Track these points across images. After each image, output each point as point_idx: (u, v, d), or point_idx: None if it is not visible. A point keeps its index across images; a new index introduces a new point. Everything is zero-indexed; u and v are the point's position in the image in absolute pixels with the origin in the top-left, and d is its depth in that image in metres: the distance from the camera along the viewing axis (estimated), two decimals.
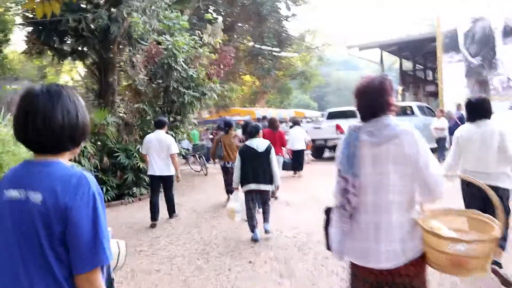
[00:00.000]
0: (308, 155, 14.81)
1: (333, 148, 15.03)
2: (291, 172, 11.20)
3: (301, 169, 11.25)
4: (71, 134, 1.38)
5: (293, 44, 24.90)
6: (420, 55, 26.23)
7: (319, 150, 15.29)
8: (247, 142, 5.54)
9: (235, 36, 21.32)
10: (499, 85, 17.00)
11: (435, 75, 27.42)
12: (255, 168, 5.31)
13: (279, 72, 31.01)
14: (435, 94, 22.49)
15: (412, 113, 13.36)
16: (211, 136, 17.34)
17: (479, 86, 17.34)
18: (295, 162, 10.86)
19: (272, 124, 8.93)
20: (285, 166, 10.46)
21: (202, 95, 10.02)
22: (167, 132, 7.00)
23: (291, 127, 12.60)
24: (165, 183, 6.72)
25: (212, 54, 10.57)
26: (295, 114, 30.51)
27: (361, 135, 2.11)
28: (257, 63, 21.30)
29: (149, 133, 7.28)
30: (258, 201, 5.66)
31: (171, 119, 9.73)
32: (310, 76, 34.78)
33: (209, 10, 21.35)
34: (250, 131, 5.59)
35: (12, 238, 1.32)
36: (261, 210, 5.75)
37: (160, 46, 9.61)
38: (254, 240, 5.35)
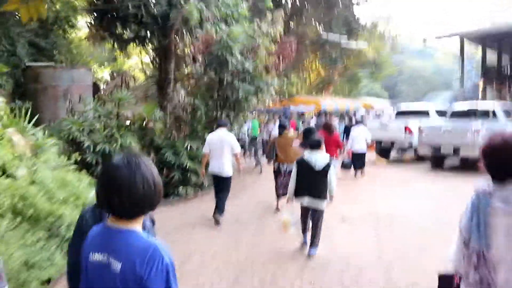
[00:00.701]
0: (377, 157, 13.72)
1: (400, 150, 13.75)
2: (351, 173, 10.76)
3: (362, 167, 10.79)
4: (150, 201, 1.56)
5: (364, 32, 23.28)
6: (507, 47, 23.45)
7: (385, 151, 14.02)
8: (306, 155, 5.31)
9: (303, 22, 20.24)
10: None
11: None
12: (310, 183, 5.19)
13: (348, 60, 29.48)
14: None
15: (494, 115, 11.69)
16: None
17: None
18: (356, 164, 10.60)
19: (328, 128, 8.76)
20: (344, 166, 10.46)
21: (258, 89, 9.32)
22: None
23: (352, 126, 12.15)
24: (222, 183, 6.75)
25: (272, 45, 9.80)
26: (362, 106, 29.11)
27: (494, 201, 1.90)
28: (324, 52, 20.10)
29: (199, 130, 8.08)
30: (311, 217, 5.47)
31: (224, 115, 9.17)
32: (381, 65, 32.78)
33: None
34: (311, 143, 5.41)
35: None
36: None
37: (214, 36, 9.01)
38: (303, 242, 5.44)
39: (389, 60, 35.02)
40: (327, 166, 5.18)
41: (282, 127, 7.97)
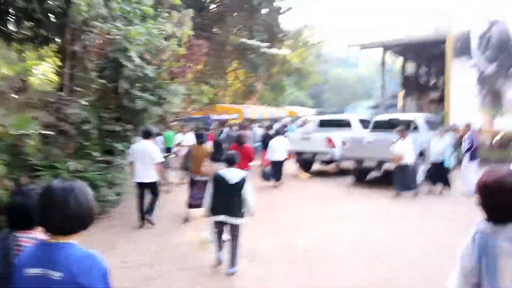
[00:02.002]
0: (299, 171, 13.02)
1: (323, 162, 13.08)
2: (271, 184, 10.98)
3: (279, 179, 11.01)
4: (83, 220, 1.71)
5: (287, 39, 22.80)
6: (424, 58, 24.25)
7: (307, 164, 13.30)
8: (221, 172, 5.28)
9: (225, 27, 19.19)
10: None
11: (439, 81, 25.56)
12: (227, 200, 5.14)
13: (273, 68, 29.00)
14: (439, 102, 20.58)
15: (416, 127, 11.40)
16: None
17: (492, 97, 15.43)
18: (275, 173, 10.86)
19: (239, 140, 8.90)
20: (266, 176, 10.91)
21: (160, 99, 8.02)
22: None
23: (272, 136, 11.71)
24: (149, 188, 7.13)
25: (180, 49, 8.56)
26: (287, 113, 28.77)
27: (500, 242, 1.85)
28: (245, 59, 19.18)
29: (89, 147, 7.18)
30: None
31: (118, 128, 7.74)
32: (306, 73, 32.78)
33: None
34: (227, 159, 5.38)
35: None
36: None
37: (108, 36, 7.58)
38: (219, 261, 5.33)
39: (314, 68, 35.21)
40: (243, 180, 5.13)
41: (199, 137, 7.97)
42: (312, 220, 7.59)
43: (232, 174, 5.19)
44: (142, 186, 7.09)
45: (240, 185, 5.12)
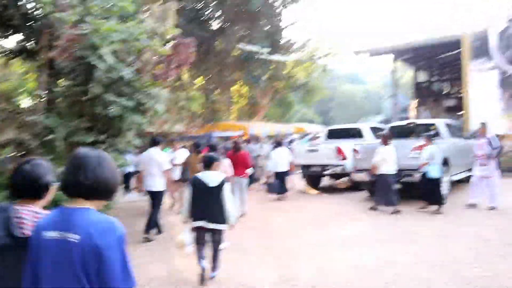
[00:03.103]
0: (307, 186, 11.84)
1: (333, 176, 11.78)
2: (274, 197, 10.62)
3: (285, 192, 10.67)
4: (111, 188, 1.78)
5: (291, 52, 21.77)
6: (437, 65, 23.05)
7: (315, 178, 11.99)
8: (199, 174, 5.05)
9: (228, 39, 18.24)
10: None
11: (454, 88, 24.25)
12: (206, 204, 4.89)
13: (278, 83, 27.98)
14: (456, 109, 19.24)
15: (437, 134, 10.09)
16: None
17: None
18: (280, 184, 10.48)
19: (234, 146, 8.86)
20: (272, 188, 10.52)
21: (139, 105, 6.88)
22: None
23: (274, 148, 11.20)
24: (153, 198, 7.11)
25: (163, 48, 7.46)
26: (295, 130, 27.59)
27: None
28: (246, 70, 18.09)
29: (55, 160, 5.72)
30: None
31: (90, 139, 6.58)
32: (313, 88, 31.67)
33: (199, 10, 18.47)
34: (204, 161, 5.14)
35: (52, 271, 1.64)
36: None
37: (77, 32, 6.51)
38: (202, 268, 4.89)
39: (320, 84, 34.15)
40: (223, 182, 4.90)
41: (197, 146, 8.58)
42: (318, 245, 6.27)
43: (211, 177, 4.93)
44: (152, 195, 7.11)
45: (219, 189, 4.87)
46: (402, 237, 6.42)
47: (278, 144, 11.15)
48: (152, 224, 7.07)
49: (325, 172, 10.94)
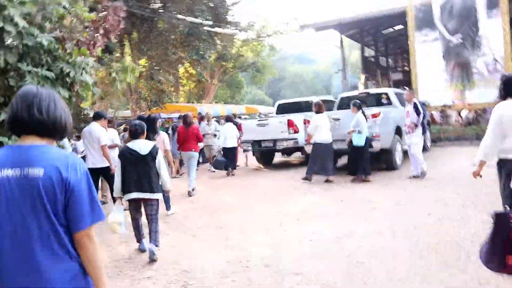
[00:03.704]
0: (246, 157, 11.88)
1: (285, 152, 11.34)
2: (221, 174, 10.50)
3: (234, 168, 10.70)
4: (64, 127, 1.70)
5: (239, 28, 20.99)
6: (382, 40, 23.24)
7: (266, 155, 11.52)
8: (129, 144, 4.83)
9: (170, 15, 17.16)
10: (483, 68, 13.96)
11: (399, 62, 24.63)
12: (138, 174, 4.62)
13: (227, 63, 27.23)
14: (403, 83, 19.44)
15: (389, 102, 9.88)
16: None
17: (460, 69, 14.24)
18: (228, 160, 10.26)
19: (185, 120, 8.44)
20: (219, 165, 10.20)
21: (60, 75, 5.99)
22: None
23: (223, 123, 11.12)
24: (101, 175, 6.94)
25: (88, 14, 6.55)
26: (246, 111, 27.07)
27: None
28: (191, 46, 17.15)
29: None
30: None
31: (3, 117, 5.64)
32: (262, 67, 31.17)
33: None
34: (132, 130, 4.85)
35: (7, 210, 1.55)
36: None
37: None
38: (141, 250, 4.79)
39: (269, 63, 33.71)
40: (155, 149, 4.72)
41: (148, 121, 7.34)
42: (272, 222, 5.77)
43: (141, 145, 4.72)
44: (94, 172, 6.16)
45: (152, 156, 4.67)
46: (359, 207, 6.06)
47: (227, 120, 11.06)
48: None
49: (278, 147, 10.46)
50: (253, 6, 66.94)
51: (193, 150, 8.24)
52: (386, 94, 9.75)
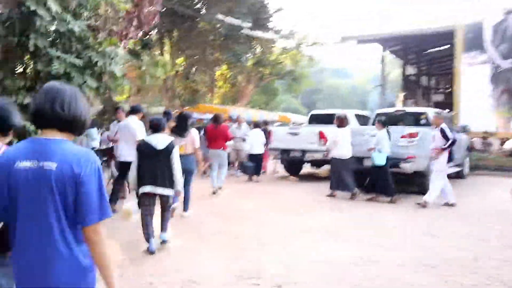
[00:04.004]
0: (275, 164, 11.81)
1: (314, 163, 10.94)
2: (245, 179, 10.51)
3: (258, 174, 10.58)
4: (83, 123, 1.77)
5: (279, 34, 20.75)
6: (426, 59, 22.42)
7: (294, 164, 11.16)
8: (146, 138, 4.95)
9: (210, 16, 17.17)
10: None
11: (443, 83, 23.69)
12: (153, 168, 4.66)
13: (265, 69, 27.02)
14: (443, 105, 18.62)
15: (427, 123, 9.32)
16: None
17: (508, 95, 13.44)
18: (256, 167, 10.31)
19: (216, 118, 8.43)
20: (246, 169, 10.29)
21: (89, 64, 5.89)
22: None
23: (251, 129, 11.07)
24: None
25: (123, 5, 6.46)
26: (279, 118, 26.75)
27: None
28: (228, 49, 17.02)
29: None
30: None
31: (29, 101, 5.57)
32: (299, 77, 30.78)
33: None
34: (151, 125, 4.85)
35: (26, 201, 1.62)
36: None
37: None
38: (150, 252, 4.60)
39: (307, 73, 33.26)
40: (171, 145, 4.74)
41: (166, 114, 7.19)
42: (289, 236, 5.41)
43: (158, 140, 4.74)
44: (126, 166, 6.04)
45: (168, 151, 4.69)
46: (384, 232, 5.61)
47: (255, 126, 11.08)
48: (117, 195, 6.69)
49: (306, 158, 10.07)
50: (295, 14, 66.62)
51: (222, 148, 8.30)
52: (425, 114, 9.18)
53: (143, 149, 4.75)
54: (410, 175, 8.17)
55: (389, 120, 9.48)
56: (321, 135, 9.57)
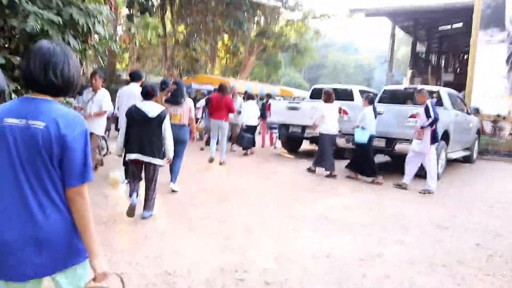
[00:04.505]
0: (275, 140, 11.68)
1: (314, 140, 10.38)
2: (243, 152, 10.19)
3: (253, 146, 10.34)
4: (76, 85, 1.74)
5: (285, 4, 19.85)
6: (437, 37, 21.55)
7: (293, 141, 10.63)
8: (138, 104, 4.68)
9: None
10: None
11: (451, 63, 22.89)
12: (142, 136, 4.53)
13: (268, 41, 26.08)
14: (454, 86, 17.93)
15: (439, 103, 8.71)
16: None
17: None
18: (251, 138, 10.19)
19: (222, 88, 8.31)
20: (243, 142, 10.05)
21: (70, 22, 5.26)
22: None
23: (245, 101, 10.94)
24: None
25: None
26: (281, 92, 26.05)
27: None
28: (230, 16, 16.17)
29: None
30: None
31: (1, 61, 4.97)
32: (303, 50, 29.85)
33: None
34: (148, 91, 4.68)
35: (12, 157, 1.60)
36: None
37: None
38: (131, 205, 4.51)
39: (312, 46, 32.31)
40: (163, 114, 4.58)
41: (164, 84, 7.07)
42: (284, 224, 4.89)
43: (151, 108, 4.59)
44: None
45: (159, 120, 4.55)
46: (390, 223, 5.08)
47: (249, 97, 10.90)
48: None
49: (306, 135, 9.52)
50: None
51: (224, 119, 8.22)
52: (437, 92, 8.55)
53: (134, 115, 4.57)
54: None
55: (397, 98, 8.92)
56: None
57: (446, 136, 7.86)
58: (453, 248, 4.23)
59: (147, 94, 4.67)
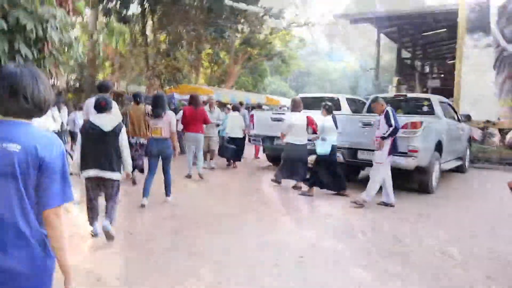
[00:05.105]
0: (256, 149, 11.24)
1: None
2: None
3: (240, 159, 10.10)
4: (48, 105, 1.70)
5: (268, 14, 19.40)
6: (421, 43, 21.34)
7: (279, 153, 10.01)
8: (91, 118, 4.53)
9: None
10: None
11: (435, 69, 22.69)
12: (98, 151, 4.32)
13: (253, 50, 25.64)
14: (441, 92, 17.61)
15: (431, 111, 8.21)
16: None
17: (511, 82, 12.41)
18: (236, 150, 9.79)
19: (194, 100, 8.08)
20: (226, 153, 9.80)
21: (16, 27, 4.64)
22: None
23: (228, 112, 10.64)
24: None
25: None
26: (267, 101, 25.54)
27: None
28: (211, 24, 15.59)
29: None
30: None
31: None
32: (288, 58, 29.48)
33: None
34: (95, 105, 4.46)
35: None
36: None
37: None
38: (94, 234, 4.40)
39: (297, 55, 32.00)
40: (119, 127, 4.35)
41: (137, 97, 7.40)
42: (263, 258, 4.25)
43: (105, 121, 4.37)
44: None
45: (114, 133, 4.33)
46: (387, 251, 4.47)
47: (234, 108, 10.49)
48: None
49: None
50: None
51: (200, 132, 7.98)
52: (428, 100, 8.06)
53: (88, 130, 4.36)
54: (409, 171, 7.09)
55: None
56: (310, 121, 8.39)
57: (439, 146, 7.35)
58: (461, 282, 3.64)
59: (100, 107, 4.41)
